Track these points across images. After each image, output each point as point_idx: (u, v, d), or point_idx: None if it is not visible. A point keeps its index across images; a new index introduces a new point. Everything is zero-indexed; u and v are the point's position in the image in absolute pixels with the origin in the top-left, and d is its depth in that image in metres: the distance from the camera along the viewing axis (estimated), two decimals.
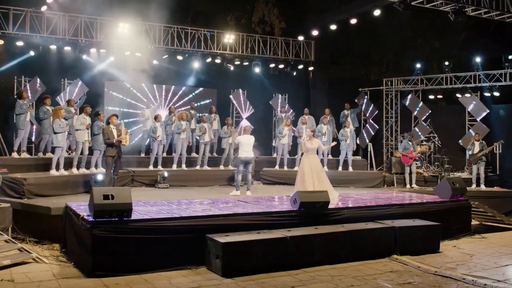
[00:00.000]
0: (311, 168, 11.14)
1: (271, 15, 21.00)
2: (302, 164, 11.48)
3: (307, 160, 11.31)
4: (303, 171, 11.21)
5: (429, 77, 18.15)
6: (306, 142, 11.59)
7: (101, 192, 7.62)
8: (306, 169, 11.15)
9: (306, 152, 11.48)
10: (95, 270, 7.28)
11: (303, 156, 11.62)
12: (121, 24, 15.18)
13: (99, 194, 7.57)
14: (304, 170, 11.19)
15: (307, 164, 11.23)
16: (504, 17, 12.72)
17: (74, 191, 11.58)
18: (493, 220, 12.33)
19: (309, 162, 11.26)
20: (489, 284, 7.21)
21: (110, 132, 11.07)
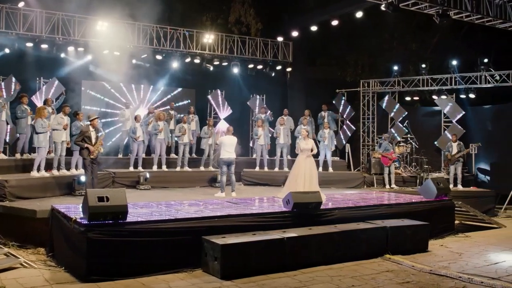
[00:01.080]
0: (305, 168, 11.14)
1: (247, 15, 20.95)
2: (296, 163, 11.48)
3: (302, 160, 11.31)
4: (297, 171, 11.20)
5: (406, 78, 18.40)
6: (300, 143, 11.60)
7: (96, 194, 7.41)
8: (300, 169, 11.14)
9: (301, 152, 11.48)
10: (90, 274, 7.08)
11: (298, 156, 11.61)
12: (99, 22, 14.85)
13: (93, 196, 7.36)
14: (299, 169, 11.18)
15: (302, 164, 11.22)
16: (484, 21, 12.97)
17: (55, 193, 11.23)
18: (473, 219, 12.55)
19: (303, 162, 11.26)
20: (485, 282, 7.33)
21: (88, 135, 10.49)
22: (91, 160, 10.44)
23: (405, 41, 20.03)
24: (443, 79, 17.53)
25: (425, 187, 11.69)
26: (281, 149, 15.91)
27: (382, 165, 15.74)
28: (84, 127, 10.84)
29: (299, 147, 11.53)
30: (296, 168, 11.33)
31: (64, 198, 10.91)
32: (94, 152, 10.42)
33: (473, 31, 18.91)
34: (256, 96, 18.93)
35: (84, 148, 10.40)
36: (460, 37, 20.17)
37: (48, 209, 8.99)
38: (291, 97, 19.94)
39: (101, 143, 10.72)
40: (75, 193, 11.32)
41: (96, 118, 10.78)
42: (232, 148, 12.05)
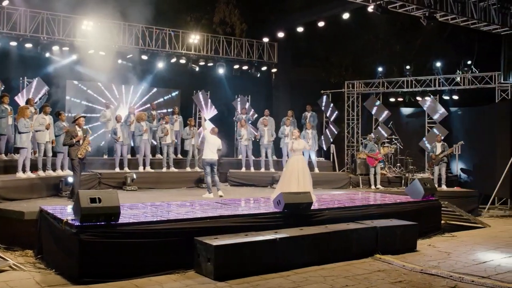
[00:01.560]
0: (298, 169, 11.16)
1: (232, 16, 20.96)
2: (289, 164, 11.47)
3: (295, 161, 11.32)
4: (290, 171, 11.19)
5: (390, 80, 18.57)
6: (290, 143, 11.59)
7: (88, 195, 7.33)
8: (294, 169, 11.15)
9: (293, 153, 11.48)
10: (82, 276, 6.99)
11: (290, 156, 11.62)
12: (85, 21, 14.72)
13: (85, 197, 7.28)
14: (292, 170, 11.18)
15: (295, 164, 11.24)
16: (469, 23, 13.17)
17: (42, 194, 11.06)
18: (459, 219, 12.71)
19: (296, 162, 11.27)
20: (476, 281, 7.43)
21: (76, 136, 10.34)
22: (79, 160, 10.31)
23: (389, 42, 20.22)
24: (427, 81, 17.74)
25: (412, 187, 11.80)
26: (266, 149, 15.90)
27: (367, 166, 15.86)
28: (71, 127, 10.70)
29: (291, 147, 11.50)
30: (289, 168, 11.32)
31: (51, 199, 10.75)
32: (82, 152, 10.30)
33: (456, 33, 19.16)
34: (241, 96, 18.93)
35: (73, 144, 10.26)
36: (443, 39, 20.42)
37: (36, 210, 8.88)
38: (276, 98, 19.98)
39: (89, 142, 10.58)
40: (62, 194, 11.18)
41: (81, 117, 10.65)
42: (215, 149, 11.94)
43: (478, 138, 16.55)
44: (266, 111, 16.66)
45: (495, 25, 13.41)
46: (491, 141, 16.36)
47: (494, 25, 13.40)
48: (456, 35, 19.60)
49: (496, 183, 15.34)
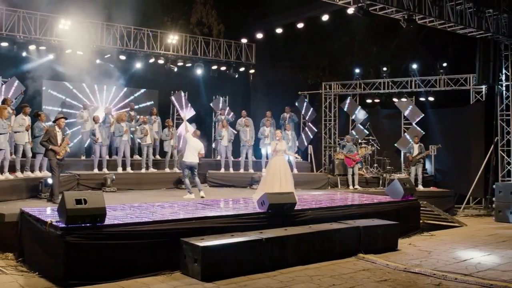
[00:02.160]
0: (280, 170, 11.20)
1: (209, 17, 20.96)
2: (270, 165, 11.47)
3: (277, 162, 11.35)
4: (272, 172, 11.21)
5: (367, 81, 18.79)
6: (273, 144, 11.61)
7: (73, 197, 7.24)
8: (275, 170, 11.18)
9: (275, 154, 11.50)
10: (68, 279, 6.89)
11: (271, 157, 11.63)
12: (62, 21, 14.50)
13: (71, 198, 7.18)
14: (274, 171, 11.21)
15: (277, 165, 11.27)
16: (446, 26, 13.41)
17: (21, 196, 10.88)
18: (436, 219, 12.95)
19: (278, 163, 11.31)
20: (459, 278, 7.58)
21: (54, 136, 10.27)
22: (58, 161, 10.21)
23: (365, 44, 20.45)
24: (403, 82, 18.01)
25: (392, 187, 11.97)
26: (246, 150, 15.92)
27: (345, 166, 16.04)
28: (50, 127, 10.56)
29: (274, 148, 11.52)
30: (271, 169, 11.34)
31: (31, 201, 10.58)
32: (61, 152, 10.18)
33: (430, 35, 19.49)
34: (219, 97, 18.92)
35: (48, 149, 10.14)
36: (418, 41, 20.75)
37: (16, 212, 8.73)
38: (253, 99, 20.03)
39: (68, 142, 10.48)
40: (42, 195, 11.00)
41: (61, 118, 10.53)
42: (196, 152, 11.83)
43: (453, 139, 16.88)
44: (243, 112, 16.66)
45: (471, 28, 13.68)
46: (466, 142, 16.72)
47: (470, 28, 13.66)
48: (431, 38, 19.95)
49: (470, 183, 15.69)
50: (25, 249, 8.27)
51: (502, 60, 15.31)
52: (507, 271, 8.11)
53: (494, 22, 14.25)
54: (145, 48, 16.50)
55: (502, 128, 15.46)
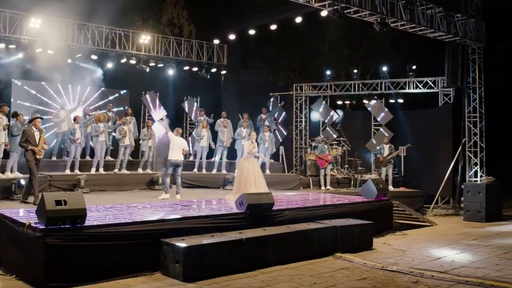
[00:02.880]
0: (254, 171, 11.27)
1: (180, 17, 20.90)
2: (244, 166, 11.47)
3: (250, 163, 11.40)
4: (247, 174, 11.23)
5: (338, 83, 19.02)
6: (250, 145, 11.63)
7: (53, 198, 7.13)
8: (250, 172, 11.23)
9: (249, 155, 11.53)
10: (48, 281, 6.78)
11: (243, 159, 11.66)
12: (33, 19, 14.23)
13: (50, 199, 7.07)
14: (248, 172, 11.24)
15: (251, 167, 11.33)
16: (416, 30, 13.72)
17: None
18: (408, 218, 13.20)
19: (252, 165, 11.38)
20: (436, 276, 7.77)
21: (32, 136, 10.17)
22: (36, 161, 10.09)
23: (336, 46, 20.71)
24: (374, 84, 18.30)
25: (365, 187, 12.16)
26: (222, 151, 15.92)
27: (317, 167, 16.19)
28: (27, 127, 10.43)
29: (250, 150, 11.54)
30: (245, 171, 11.35)
31: (3, 202, 10.36)
32: (40, 152, 10.05)
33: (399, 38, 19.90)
34: (190, 98, 18.87)
35: (28, 150, 10.02)
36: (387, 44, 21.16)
37: None
38: (225, 100, 20.03)
39: (45, 140, 10.36)
40: (14, 197, 10.76)
41: (37, 118, 10.38)
42: (180, 150, 11.91)
43: (422, 140, 17.25)
44: (223, 113, 16.67)
45: (441, 32, 14.05)
46: (434, 143, 17.11)
47: (439, 32, 14.02)
48: (400, 41, 20.37)
49: (439, 183, 16.04)
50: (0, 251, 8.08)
51: (470, 63, 15.74)
52: (480, 268, 8.35)
53: (462, 27, 14.67)
54: (116, 48, 16.30)
55: (470, 129, 15.88)
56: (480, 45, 15.59)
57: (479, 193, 13.89)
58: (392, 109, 18.21)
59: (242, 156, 11.76)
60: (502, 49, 19.08)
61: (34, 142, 10.12)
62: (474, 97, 15.80)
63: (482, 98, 15.71)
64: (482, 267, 8.43)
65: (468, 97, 15.88)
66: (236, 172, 14.66)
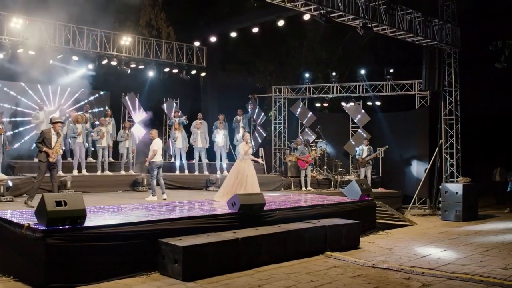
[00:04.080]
0: (248, 172, 11.41)
1: (158, 19, 20.88)
2: (240, 168, 11.56)
3: (246, 165, 11.54)
4: (242, 176, 11.36)
5: (316, 86, 19.32)
6: (245, 146, 11.73)
7: (53, 199, 7.13)
8: (244, 174, 11.37)
9: (245, 157, 11.62)
10: (49, 282, 6.77)
11: (239, 160, 11.72)
12: (14, 19, 14.05)
13: (51, 200, 7.07)
14: (243, 175, 11.36)
15: (246, 168, 11.46)
16: (396, 34, 14.09)
17: None
18: (389, 218, 13.54)
19: (248, 166, 11.52)
20: (426, 272, 8.06)
21: (49, 138, 10.18)
22: (49, 163, 10.07)
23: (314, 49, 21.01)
24: (352, 87, 18.66)
25: (350, 188, 12.43)
26: (199, 152, 15.96)
27: (298, 168, 16.43)
28: (46, 129, 10.51)
29: (244, 152, 11.65)
30: (241, 173, 11.47)
31: None
32: (53, 155, 10.02)
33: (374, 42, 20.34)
34: (170, 99, 18.89)
35: (42, 151, 10.02)
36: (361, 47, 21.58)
37: None
38: (204, 101, 20.12)
39: (60, 145, 10.37)
40: (1, 199, 10.63)
41: (58, 122, 10.40)
42: (161, 151, 12.02)
43: (400, 142, 17.67)
44: (199, 115, 16.72)
45: (419, 37, 14.45)
46: (411, 145, 17.56)
47: (418, 37, 14.43)
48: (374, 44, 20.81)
49: (415, 184, 16.49)
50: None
51: (445, 67, 16.22)
52: (466, 265, 8.68)
53: (439, 32, 15.11)
54: (97, 49, 16.20)
55: (446, 131, 16.36)
56: (455, 50, 16.08)
57: (457, 193, 14.32)
58: (370, 111, 18.61)
59: (238, 158, 11.79)
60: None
61: (50, 145, 10.12)
62: (450, 100, 16.28)
63: (457, 101, 16.21)
64: (468, 264, 8.77)
65: (444, 100, 16.35)
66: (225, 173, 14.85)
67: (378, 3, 12.93)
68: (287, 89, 19.91)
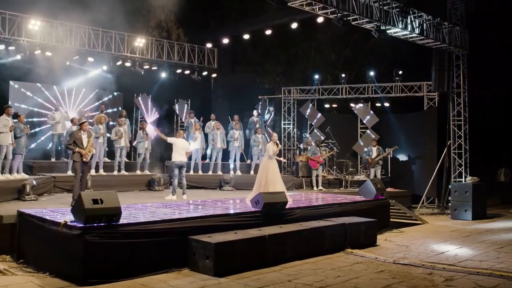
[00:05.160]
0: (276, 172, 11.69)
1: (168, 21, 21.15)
2: (270, 167, 11.74)
3: (274, 165, 11.79)
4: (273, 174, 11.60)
5: (325, 87, 19.61)
6: (273, 147, 11.96)
7: (90, 197, 7.40)
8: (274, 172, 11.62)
9: (273, 157, 11.86)
10: (87, 278, 7.03)
11: (268, 160, 11.85)
12: (32, 21, 14.30)
13: (88, 198, 7.34)
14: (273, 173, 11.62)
15: (275, 167, 11.72)
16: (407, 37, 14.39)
17: (6, 198, 10.67)
18: (401, 217, 13.82)
19: (275, 165, 11.77)
20: (447, 268, 8.34)
21: (79, 138, 10.38)
22: (82, 163, 10.33)
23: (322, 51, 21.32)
24: (360, 88, 18.95)
25: (365, 187, 12.72)
26: (217, 153, 16.24)
27: (309, 168, 16.70)
28: (75, 130, 10.77)
29: (273, 152, 11.86)
30: (271, 171, 11.66)
31: (16, 203, 10.45)
32: (87, 155, 10.26)
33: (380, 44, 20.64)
34: (181, 100, 19.16)
35: (74, 152, 10.27)
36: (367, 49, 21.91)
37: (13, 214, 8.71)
38: (215, 102, 20.39)
39: (92, 145, 10.59)
40: (25, 198, 10.85)
41: (85, 122, 10.67)
42: (184, 151, 12.25)
43: (408, 142, 18.00)
44: (212, 116, 17.01)
45: (430, 40, 14.75)
46: (420, 146, 17.86)
47: (429, 39, 14.73)
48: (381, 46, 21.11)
49: (424, 183, 16.77)
50: (26, 250, 8.29)
51: (454, 69, 16.52)
52: (484, 261, 8.97)
53: (448, 34, 15.41)
54: (112, 50, 16.46)
55: (454, 132, 16.66)
56: (464, 52, 16.38)
57: (466, 193, 14.60)
58: (379, 112, 18.90)
59: (265, 157, 12.00)
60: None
61: (81, 145, 10.32)
62: (458, 101, 16.58)
63: (466, 103, 16.51)
64: (485, 260, 9.05)
65: (452, 101, 16.65)
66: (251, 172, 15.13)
67: (391, 7, 13.22)
68: (296, 90, 20.20)
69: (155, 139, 16.46)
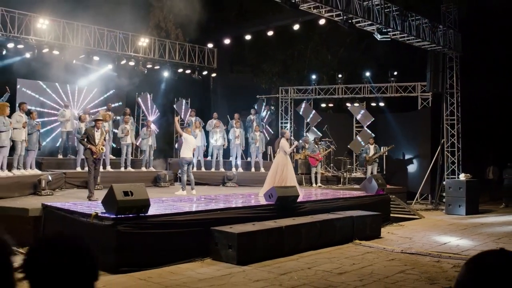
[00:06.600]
0: (289, 167, 12.15)
1: (167, 21, 21.50)
2: (283, 163, 12.17)
3: (287, 160, 12.25)
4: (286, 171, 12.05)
5: (322, 87, 20.16)
6: (288, 144, 12.42)
7: (121, 189, 7.80)
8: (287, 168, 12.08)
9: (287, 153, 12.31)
10: (119, 266, 7.40)
11: (283, 156, 12.26)
12: (40, 20, 14.59)
13: (119, 191, 7.75)
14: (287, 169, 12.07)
15: (288, 163, 12.18)
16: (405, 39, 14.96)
17: (23, 193, 11.00)
18: (400, 211, 14.40)
19: (288, 162, 12.23)
20: (452, 256, 8.90)
21: (92, 135, 10.75)
22: (94, 159, 10.61)
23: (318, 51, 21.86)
24: (356, 88, 19.53)
25: (367, 183, 13.29)
26: (218, 150, 16.67)
27: (308, 165, 17.22)
28: (89, 127, 11.18)
29: (286, 149, 12.31)
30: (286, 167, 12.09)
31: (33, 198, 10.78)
32: (97, 152, 10.59)
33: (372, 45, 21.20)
34: (181, 99, 19.53)
35: (87, 148, 10.55)
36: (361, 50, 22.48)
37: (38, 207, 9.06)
38: (214, 101, 20.80)
39: (103, 142, 10.97)
40: (41, 192, 11.17)
41: (99, 120, 11.01)
42: (192, 147, 12.67)
43: (403, 141, 18.59)
44: (215, 114, 17.43)
45: (426, 42, 15.35)
46: (414, 144, 18.49)
47: (425, 42, 15.33)
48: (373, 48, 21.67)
49: (418, 180, 17.39)
50: None
51: (447, 70, 17.17)
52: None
53: (442, 37, 16.04)
54: (116, 49, 16.79)
55: (448, 131, 17.30)
56: (457, 54, 17.03)
57: (460, 189, 15.25)
58: (374, 111, 19.49)
59: (280, 153, 12.40)
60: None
61: (94, 142, 10.68)
62: (451, 101, 17.23)
63: (459, 103, 17.17)
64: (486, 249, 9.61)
65: (446, 101, 17.29)
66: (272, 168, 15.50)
67: (391, 10, 13.79)
68: (293, 90, 20.71)
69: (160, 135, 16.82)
